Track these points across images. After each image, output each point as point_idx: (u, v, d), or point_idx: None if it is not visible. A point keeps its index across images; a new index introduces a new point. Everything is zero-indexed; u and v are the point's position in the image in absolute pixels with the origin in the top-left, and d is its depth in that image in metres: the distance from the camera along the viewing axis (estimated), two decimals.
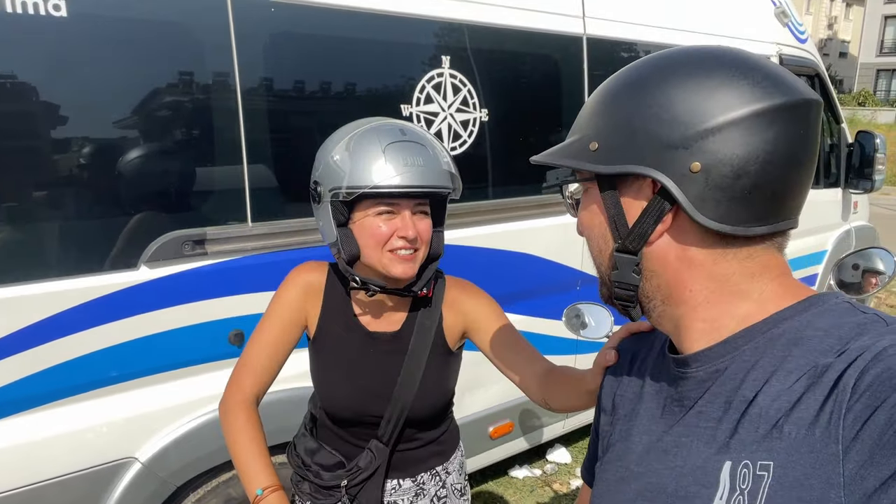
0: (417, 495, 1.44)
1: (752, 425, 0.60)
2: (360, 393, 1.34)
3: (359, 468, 1.36)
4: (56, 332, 1.66)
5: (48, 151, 1.62)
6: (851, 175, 4.14)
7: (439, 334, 1.37)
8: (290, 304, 1.34)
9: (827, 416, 0.55)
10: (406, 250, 1.23)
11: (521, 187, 2.56)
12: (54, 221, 1.66)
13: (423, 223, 1.26)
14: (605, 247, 0.71)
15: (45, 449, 1.71)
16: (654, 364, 0.79)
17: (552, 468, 3.33)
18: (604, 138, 0.66)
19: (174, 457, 1.88)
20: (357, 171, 1.18)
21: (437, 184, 1.21)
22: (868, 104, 28.39)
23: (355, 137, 1.22)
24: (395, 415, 1.34)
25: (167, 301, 1.81)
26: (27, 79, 1.57)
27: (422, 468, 1.44)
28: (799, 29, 3.81)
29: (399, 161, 1.17)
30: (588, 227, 0.73)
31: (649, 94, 0.64)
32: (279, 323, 1.33)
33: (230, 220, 1.90)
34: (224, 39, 1.82)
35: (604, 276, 0.73)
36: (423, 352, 1.35)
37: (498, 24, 2.38)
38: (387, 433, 1.35)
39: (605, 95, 0.69)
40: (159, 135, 1.78)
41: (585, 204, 0.73)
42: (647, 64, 0.67)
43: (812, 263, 4.02)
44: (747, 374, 0.63)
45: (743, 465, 0.59)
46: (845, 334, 0.59)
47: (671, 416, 0.71)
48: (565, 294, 2.70)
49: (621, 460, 0.76)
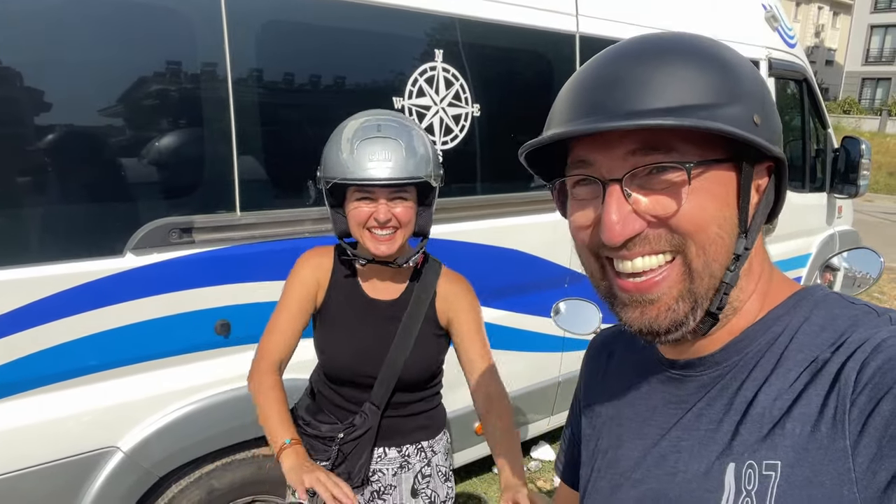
0: (402, 468, 1.55)
1: (755, 425, 0.59)
2: (358, 352, 1.48)
3: (353, 426, 1.49)
4: (39, 318, 1.64)
5: (35, 137, 1.59)
6: (836, 180, 4.18)
7: (432, 308, 1.53)
8: (303, 280, 1.50)
9: (832, 412, 0.54)
10: (382, 231, 1.38)
11: (511, 183, 2.56)
12: (39, 206, 1.63)
13: (401, 207, 1.39)
14: (730, 240, 0.60)
15: (25, 437, 1.69)
16: (639, 364, 0.76)
17: (536, 465, 3.34)
18: (763, 112, 0.59)
19: (157, 447, 1.86)
20: (332, 163, 1.37)
21: (398, 175, 1.34)
22: (853, 112, 28.72)
23: (340, 132, 1.39)
24: (388, 375, 1.48)
25: (153, 289, 1.79)
26: (13, 63, 1.54)
27: (408, 439, 1.55)
28: (788, 34, 3.84)
29: (365, 157, 1.34)
30: (706, 215, 0.59)
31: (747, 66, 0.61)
32: (296, 297, 1.49)
33: (218, 208, 1.88)
34: (216, 28, 1.80)
35: (717, 279, 0.61)
36: (417, 319, 1.50)
37: (492, 20, 2.37)
38: (378, 395, 1.48)
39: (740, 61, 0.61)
40: (148, 121, 1.75)
41: (698, 187, 0.59)
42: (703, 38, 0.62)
43: (796, 266, 4.06)
44: (748, 374, 0.62)
45: (748, 466, 0.58)
46: (840, 327, 0.59)
47: (666, 419, 0.68)
48: (553, 291, 2.71)
49: (613, 467, 0.73)
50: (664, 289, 0.60)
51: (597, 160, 0.61)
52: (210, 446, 1.96)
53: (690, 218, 0.59)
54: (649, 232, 0.60)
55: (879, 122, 25.92)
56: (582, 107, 0.60)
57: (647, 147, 0.59)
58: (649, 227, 0.60)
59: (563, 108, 0.63)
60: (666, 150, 0.58)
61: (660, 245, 0.60)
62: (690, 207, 0.59)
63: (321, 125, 1.32)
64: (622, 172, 0.59)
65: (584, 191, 0.64)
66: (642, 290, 0.61)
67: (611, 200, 0.59)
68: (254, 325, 1.84)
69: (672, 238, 0.59)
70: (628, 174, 0.59)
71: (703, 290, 0.60)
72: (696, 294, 0.60)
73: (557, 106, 0.64)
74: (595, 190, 0.62)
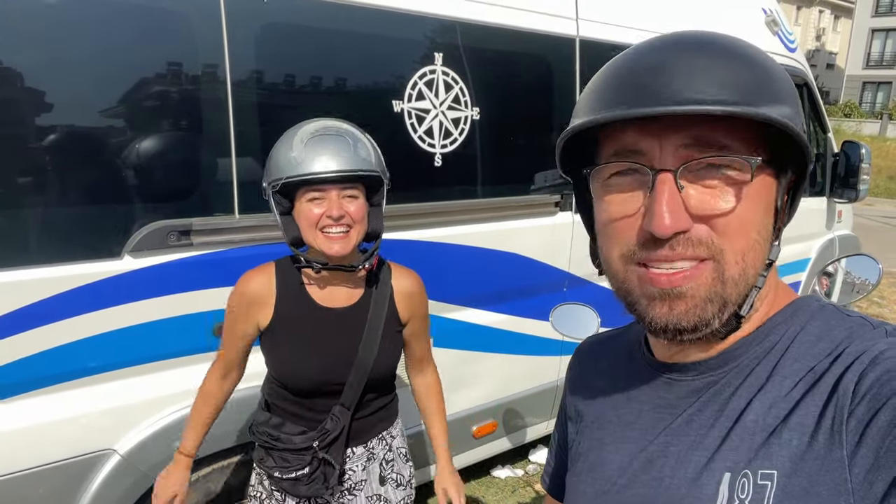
0: (369, 460, 1.61)
1: (747, 433, 0.59)
2: (324, 363, 1.48)
3: (326, 430, 1.50)
4: (36, 320, 1.63)
5: (33, 139, 1.59)
6: (836, 184, 4.18)
7: (392, 306, 1.56)
8: (236, 316, 1.51)
9: (829, 422, 0.54)
10: (336, 229, 1.38)
11: (510, 186, 2.56)
12: (37, 208, 1.63)
13: (353, 205, 1.40)
14: (766, 246, 0.60)
15: (21, 439, 1.68)
16: (627, 368, 0.75)
17: (534, 469, 3.33)
18: (797, 116, 0.58)
19: (154, 449, 1.86)
20: (280, 164, 1.38)
21: (349, 167, 1.36)
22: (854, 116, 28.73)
23: (287, 136, 1.42)
24: (358, 378, 1.50)
25: (151, 292, 1.79)
26: (13, 65, 1.54)
27: (371, 434, 1.60)
28: (789, 38, 3.84)
29: (314, 153, 1.35)
30: (749, 220, 0.58)
31: (777, 68, 0.60)
32: (234, 328, 1.52)
33: (217, 211, 1.88)
34: (216, 31, 1.79)
35: (750, 285, 0.60)
36: (379, 320, 1.52)
37: (492, 23, 2.37)
38: (349, 398, 1.50)
39: (765, 60, 0.59)
40: (146, 123, 1.75)
41: (747, 190, 0.58)
42: (731, 38, 0.60)
43: (796, 271, 4.05)
44: (742, 381, 0.62)
45: (742, 475, 0.57)
46: (837, 338, 0.59)
47: (653, 423, 0.68)
48: (552, 295, 2.70)
49: (597, 471, 0.72)
50: (695, 284, 0.58)
51: (649, 149, 0.58)
52: (206, 449, 1.95)
53: (741, 219, 0.57)
54: (693, 232, 0.57)
55: (880, 125, 25.92)
56: (632, 91, 0.57)
57: (700, 142, 0.57)
58: (695, 225, 0.57)
59: (606, 92, 0.60)
60: (718, 147, 0.57)
61: (699, 250, 0.58)
62: (744, 208, 0.57)
63: None
64: (673, 163, 0.57)
65: (627, 181, 0.61)
66: (675, 283, 0.58)
67: (663, 189, 0.57)
68: None
69: (712, 243, 0.58)
70: (683, 165, 0.57)
71: (734, 295, 0.59)
72: (727, 297, 0.59)
73: (597, 91, 0.61)
74: (640, 181, 0.59)
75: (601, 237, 0.65)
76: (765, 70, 0.58)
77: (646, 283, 0.60)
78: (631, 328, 0.82)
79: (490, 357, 2.63)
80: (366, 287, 1.54)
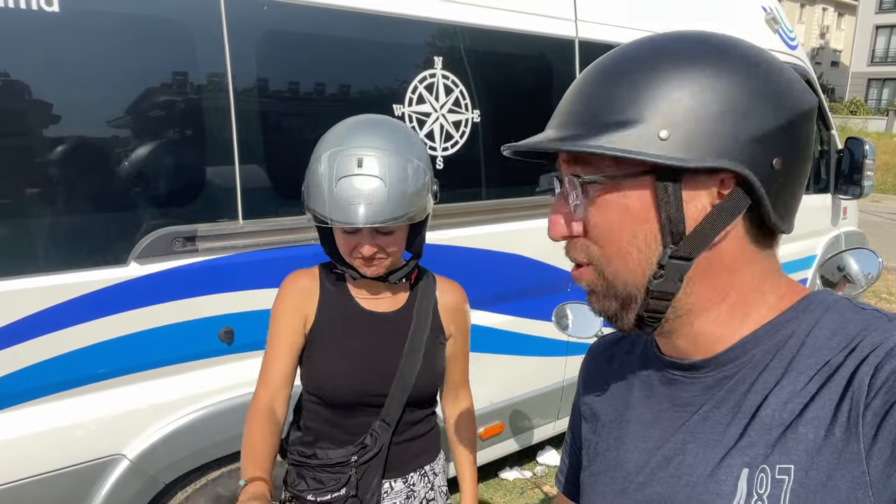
0: (409, 498, 1.48)
1: (764, 428, 0.59)
2: (363, 371, 1.39)
3: (365, 444, 1.39)
4: (45, 327, 1.66)
5: (39, 147, 1.62)
6: (841, 181, 4.17)
7: (436, 317, 1.46)
8: (287, 310, 1.40)
9: (845, 415, 0.54)
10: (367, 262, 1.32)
11: (512, 188, 2.57)
12: (44, 217, 1.65)
13: (386, 239, 1.31)
14: (647, 251, 0.61)
15: (31, 445, 1.70)
16: (640, 367, 0.75)
17: (542, 470, 3.33)
18: (676, 126, 0.57)
19: (163, 454, 1.88)
20: (313, 194, 1.28)
21: (381, 219, 1.23)
22: (859, 113, 28.61)
23: (319, 158, 1.28)
24: (400, 391, 1.39)
25: (157, 298, 1.81)
26: (18, 75, 1.57)
27: (411, 466, 1.48)
28: (789, 36, 3.84)
29: (344, 199, 1.22)
30: (613, 230, 0.62)
31: (724, 79, 0.57)
32: (283, 332, 1.40)
33: (221, 217, 1.90)
34: (217, 37, 1.82)
35: (632, 287, 0.63)
36: (423, 330, 1.43)
37: (490, 26, 2.39)
38: (390, 413, 1.39)
39: (661, 76, 0.58)
40: (150, 131, 1.77)
41: (608, 202, 0.61)
42: (696, 42, 0.60)
43: (802, 268, 4.04)
44: (757, 377, 0.62)
45: (760, 470, 0.58)
46: (851, 332, 0.59)
47: (670, 421, 0.68)
48: (555, 295, 2.71)
49: (615, 470, 0.73)
50: (587, 283, 0.66)
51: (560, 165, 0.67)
52: (215, 453, 1.97)
53: (600, 231, 0.63)
54: (578, 240, 0.65)
55: (886, 122, 25.81)
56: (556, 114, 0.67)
57: (572, 159, 0.64)
58: (578, 235, 0.65)
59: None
60: (584, 164, 0.62)
61: (579, 256, 0.66)
62: (599, 221, 0.63)
63: (322, 133, 1.32)
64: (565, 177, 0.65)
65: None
66: (576, 278, 0.68)
67: (555, 200, 0.67)
68: (257, 333, 1.86)
69: (589, 249, 0.64)
70: (566, 181, 0.64)
71: (624, 294, 0.64)
72: (619, 296, 0.64)
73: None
74: None
75: None
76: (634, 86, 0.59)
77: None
78: None
79: (496, 358, 2.64)
80: (409, 294, 1.46)
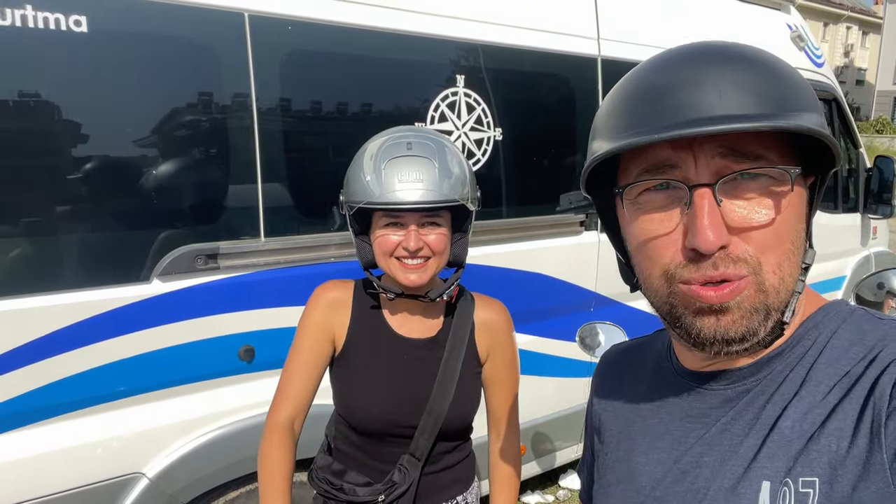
0: None
1: (784, 440, 0.58)
2: (394, 399, 1.32)
3: (394, 482, 1.32)
4: (67, 344, 1.66)
5: (65, 165, 1.64)
6: (870, 200, 4.09)
7: (472, 343, 1.38)
8: (315, 323, 1.34)
9: (867, 426, 0.53)
10: (411, 259, 1.25)
11: (534, 206, 2.55)
12: (68, 234, 1.67)
13: (433, 234, 1.26)
14: (797, 253, 0.60)
15: (52, 462, 1.70)
16: (651, 377, 0.74)
17: (565, 494, 3.26)
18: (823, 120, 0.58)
19: (182, 473, 1.86)
20: (355, 186, 1.24)
21: (432, 199, 1.20)
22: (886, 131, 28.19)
23: (366, 152, 1.27)
24: (430, 424, 1.32)
25: (178, 315, 1.81)
26: (47, 94, 1.60)
27: (444, 496, 1.41)
28: (815, 53, 3.80)
29: (394, 178, 1.20)
30: (789, 230, 0.59)
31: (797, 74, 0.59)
32: (308, 346, 1.34)
33: (243, 234, 1.90)
34: (241, 57, 1.84)
35: (784, 294, 0.59)
36: (458, 358, 1.35)
37: (513, 45, 2.39)
38: (420, 447, 1.33)
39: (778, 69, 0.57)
40: (174, 150, 1.79)
41: (788, 198, 0.58)
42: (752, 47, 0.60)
43: (831, 289, 3.95)
44: (776, 389, 0.61)
45: (783, 485, 0.56)
46: (870, 342, 0.58)
47: (683, 433, 0.67)
48: (579, 314, 2.67)
49: (627, 483, 0.71)
50: (740, 298, 0.57)
51: (683, 163, 0.58)
52: (234, 473, 1.96)
53: (778, 232, 0.57)
54: (732, 249, 0.57)
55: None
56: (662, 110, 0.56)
57: (735, 152, 0.56)
58: (733, 239, 0.57)
59: (635, 110, 0.59)
60: (753, 158, 0.56)
61: (741, 269, 0.57)
62: (781, 220, 0.57)
63: (344, 151, 1.32)
64: (709, 177, 0.56)
65: (660, 197, 0.60)
66: (723, 298, 0.57)
67: (703, 204, 0.56)
68: (277, 351, 1.84)
69: (750, 259, 0.57)
70: (721, 179, 0.56)
71: (776, 302, 0.59)
72: (770, 305, 0.58)
73: (622, 110, 0.60)
74: (674, 196, 0.59)
75: (638, 256, 0.64)
76: (789, 78, 0.57)
77: (693, 298, 0.59)
78: (655, 338, 0.80)
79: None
80: (444, 318, 1.38)
